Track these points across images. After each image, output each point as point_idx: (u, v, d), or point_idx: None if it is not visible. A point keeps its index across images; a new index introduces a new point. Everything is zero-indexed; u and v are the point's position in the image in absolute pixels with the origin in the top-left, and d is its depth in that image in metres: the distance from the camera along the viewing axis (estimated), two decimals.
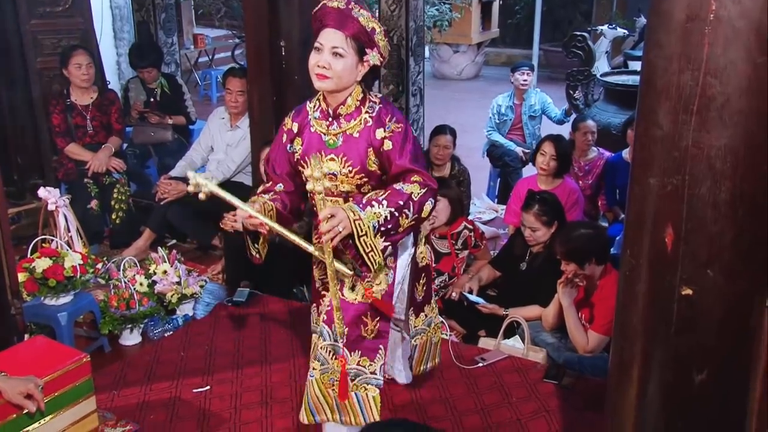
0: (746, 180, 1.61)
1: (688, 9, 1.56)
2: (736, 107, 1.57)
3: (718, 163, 1.61)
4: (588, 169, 5.49)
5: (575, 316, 3.65)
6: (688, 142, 1.63)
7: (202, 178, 2.53)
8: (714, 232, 1.66)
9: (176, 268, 4.08)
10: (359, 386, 2.77)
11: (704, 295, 1.69)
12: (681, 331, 1.73)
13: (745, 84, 1.55)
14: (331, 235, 2.41)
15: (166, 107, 6.14)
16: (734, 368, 1.76)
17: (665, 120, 1.65)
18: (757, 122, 1.58)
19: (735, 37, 1.53)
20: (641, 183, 1.74)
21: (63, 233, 4.10)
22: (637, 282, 1.79)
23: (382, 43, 2.61)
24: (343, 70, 2.54)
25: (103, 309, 3.84)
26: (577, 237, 3.70)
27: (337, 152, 2.64)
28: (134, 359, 3.77)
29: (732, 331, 1.72)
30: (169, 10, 7.44)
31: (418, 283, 3.01)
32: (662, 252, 1.71)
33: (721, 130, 1.59)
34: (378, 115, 2.64)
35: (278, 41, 4.62)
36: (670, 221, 1.69)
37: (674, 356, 1.76)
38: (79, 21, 5.61)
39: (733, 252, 1.66)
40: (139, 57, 6.14)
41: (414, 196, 2.54)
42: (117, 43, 11.24)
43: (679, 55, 1.60)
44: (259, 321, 4.12)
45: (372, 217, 2.46)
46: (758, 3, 1.51)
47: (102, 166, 5.16)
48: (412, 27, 6.09)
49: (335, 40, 2.53)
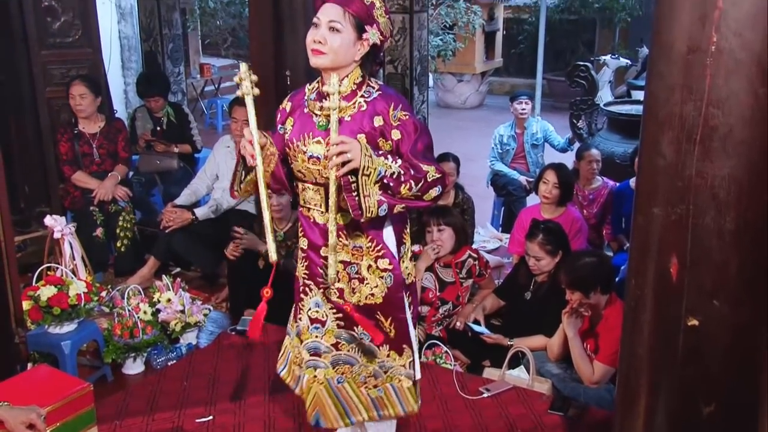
0: (750, 209, 1.61)
1: (689, 41, 1.57)
2: (738, 137, 1.57)
3: (722, 193, 1.61)
4: (592, 198, 5.49)
5: (580, 346, 3.63)
6: (691, 171, 1.63)
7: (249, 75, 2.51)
8: (719, 262, 1.65)
9: (180, 296, 4.07)
10: (393, 377, 2.71)
11: (710, 325, 1.69)
12: (687, 361, 1.72)
13: (748, 114, 1.56)
14: (340, 160, 2.30)
15: (172, 136, 6.17)
16: (742, 399, 1.74)
17: (668, 150, 1.66)
18: (760, 152, 1.58)
19: (737, 69, 1.54)
20: (645, 212, 1.74)
21: (68, 261, 4.11)
22: (642, 312, 1.78)
23: (383, 19, 2.47)
24: (339, 46, 2.41)
25: (106, 337, 3.83)
26: (582, 266, 3.69)
27: (325, 135, 2.47)
28: (137, 388, 3.74)
29: (739, 362, 1.71)
30: (177, 41, 7.52)
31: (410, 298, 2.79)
32: (667, 282, 1.71)
33: (724, 159, 1.60)
34: (374, 102, 2.49)
35: (283, 70, 4.66)
36: (675, 251, 1.69)
37: (681, 387, 1.75)
38: (88, 51, 5.66)
39: (739, 282, 1.66)
40: (146, 86, 6.19)
41: (428, 177, 2.43)
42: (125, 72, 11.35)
43: (681, 86, 1.61)
44: (263, 350, 4.09)
45: (381, 163, 2.35)
46: (759, 35, 1.52)
47: (108, 194, 5.18)
48: (417, 57, 6.15)
49: (333, 14, 2.40)
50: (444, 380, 3.70)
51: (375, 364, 2.71)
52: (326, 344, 2.72)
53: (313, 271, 2.69)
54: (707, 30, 1.55)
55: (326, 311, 2.70)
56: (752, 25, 1.52)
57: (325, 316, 2.71)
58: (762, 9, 1.51)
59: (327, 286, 2.63)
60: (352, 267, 2.61)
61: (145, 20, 7.40)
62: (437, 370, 3.85)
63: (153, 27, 7.35)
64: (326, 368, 2.73)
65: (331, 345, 2.71)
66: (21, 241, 5.02)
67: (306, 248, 2.69)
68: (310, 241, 2.66)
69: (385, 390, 2.72)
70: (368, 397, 2.72)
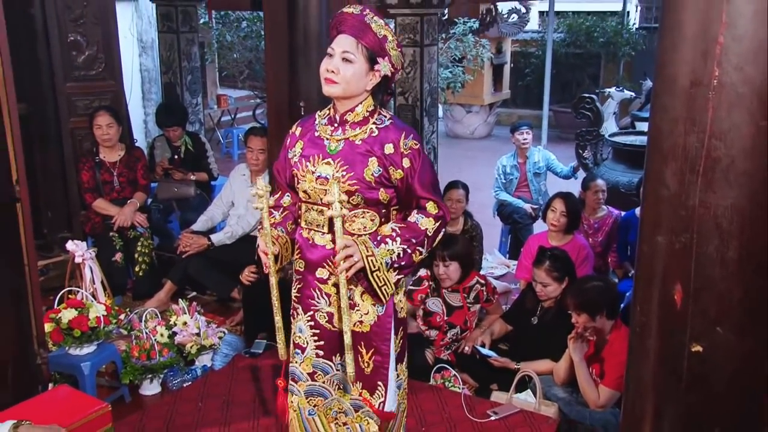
0: (753, 239, 1.61)
1: (692, 75, 1.58)
2: (741, 168, 1.57)
3: (724, 223, 1.61)
4: (597, 226, 5.48)
5: (586, 371, 3.61)
6: (695, 201, 1.63)
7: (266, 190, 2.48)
8: (722, 290, 1.65)
9: (196, 320, 4.08)
10: (362, 418, 2.66)
11: (714, 351, 1.67)
12: (692, 387, 1.71)
13: (749, 146, 1.56)
14: (346, 265, 2.37)
15: (189, 164, 6.23)
16: (745, 426, 1.72)
17: (672, 180, 1.66)
18: (761, 183, 1.58)
19: (738, 102, 1.55)
20: (650, 241, 1.74)
21: (88, 285, 4.12)
22: (647, 338, 1.77)
23: (394, 52, 2.51)
24: (351, 76, 2.44)
25: (124, 359, 3.83)
26: (589, 289, 3.68)
27: (335, 157, 2.50)
28: (153, 409, 3.74)
29: (743, 388, 1.70)
30: (195, 73, 7.60)
31: (396, 336, 2.67)
32: (672, 309, 1.70)
33: (726, 190, 1.60)
34: (386, 129, 2.51)
35: (298, 102, 4.69)
36: (679, 279, 1.68)
37: (686, 413, 1.74)
38: (111, 83, 5.73)
39: (742, 310, 1.65)
40: (165, 117, 6.25)
41: (429, 232, 2.49)
42: (145, 103, 11.48)
43: (684, 119, 1.61)
44: (276, 372, 4.06)
45: (385, 254, 2.42)
46: (759, 70, 1.53)
47: (127, 220, 5.22)
48: (427, 89, 6.19)
49: (346, 44, 2.44)
50: (453, 403, 3.67)
51: (348, 400, 2.67)
52: (303, 372, 2.69)
53: (304, 293, 2.66)
54: (709, 64, 1.55)
55: (308, 338, 2.66)
56: (753, 59, 1.52)
57: (306, 343, 2.67)
58: (762, 44, 1.51)
59: (318, 309, 2.62)
60: (347, 290, 2.52)
61: (165, 53, 7.49)
62: (446, 393, 3.82)
63: (172, 60, 7.43)
64: (300, 397, 2.72)
65: (308, 374, 2.68)
66: (44, 265, 5.05)
67: (302, 270, 2.66)
68: (306, 261, 2.63)
69: (353, 429, 2.68)
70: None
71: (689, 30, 1.57)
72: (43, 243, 5.45)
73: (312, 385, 2.68)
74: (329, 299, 2.58)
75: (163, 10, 7.37)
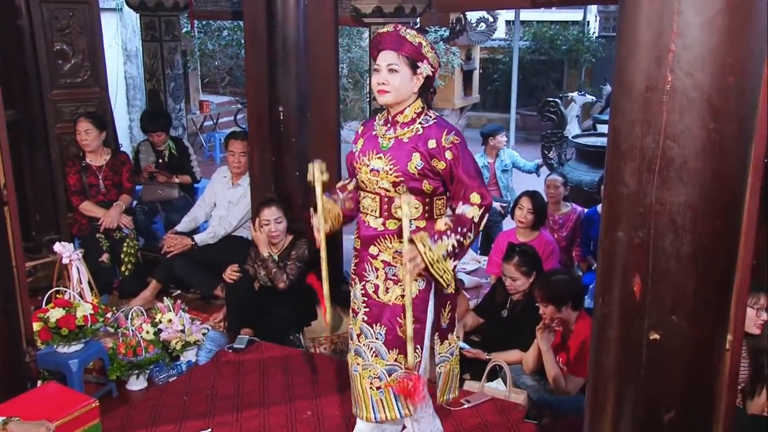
0: (704, 234, 1.63)
1: (647, 80, 1.60)
2: (693, 168, 1.60)
3: (679, 219, 1.63)
4: (562, 222, 5.52)
5: (553, 359, 3.64)
6: (651, 199, 1.65)
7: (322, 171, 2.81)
8: (677, 282, 1.67)
9: (180, 317, 4.05)
10: (395, 381, 2.78)
11: (670, 339, 1.70)
12: (650, 373, 1.73)
13: (700, 147, 1.59)
14: (411, 267, 2.57)
15: (173, 167, 6.19)
16: (699, 406, 1.75)
17: (631, 179, 1.68)
18: (711, 181, 1.60)
19: (689, 106, 1.57)
20: (611, 236, 1.75)
21: (75, 285, 4.08)
22: (609, 328, 1.79)
23: (430, 54, 2.72)
24: (400, 84, 2.68)
25: (111, 356, 3.80)
26: (556, 281, 3.72)
27: (386, 153, 2.74)
28: (140, 403, 3.71)
29: (697, 373, 1.73)
30: (178, 80, 7.54)
31: (444, 309, 2.89)
32: (631, 300, 1.72)
33: (680, 188, 1.62)
34: (429, 128, 2.72)
35: (277, 107, 4.69)
36: (638, 271, 1.70)
37: (644, 397, 1.76)
38: (96, 90, 5.69)
39: (696, 300, 1.67)
40: (150, 122, 6.21)
41: (475, 219, 2.68)
42: (130, 109, 11.38)
43: (641, 121, 1.63)
44: (258, 366, 4.07)
45: (442, 248, 2.61)
46: (708, 76, 1.55)
47: (113, 222, 5.17)
48: None
49: (390, 58, 2.68)
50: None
51: (382, 366, 2.81)
52: (355, 332, 2.90)
53: (359, 266, 2.87)
54: (662, 71, 1.58)
55: (360, 304, 2.87)
56: (702, 66, 1.55)
57: (359, 308, 2.88)
58: (710, 52, 1.54)
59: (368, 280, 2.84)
60: (390, 268, 2.78)
61: (148, 61, 7.42)
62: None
63: (156, 68, 7.37)
64: (351, 353, 2.92)
65: (356, 335, 2.89)
66: (32, 266, 4.99)
67: (358, 247, 2.88)
68: (362, 239, 2.86)
69: (386, 393, 2.81)
70: (371, 399, 2.83)
71: (644, 39, 1.59)
72: (32, 245, 5.39)
73: (357, 345, 2.87)
74: (377, 272, 2.80)
75: (147, 20, 7.30)
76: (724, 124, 1.58)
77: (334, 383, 3.85)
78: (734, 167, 1.62)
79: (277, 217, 4.49)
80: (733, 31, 1.54)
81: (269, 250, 4.56)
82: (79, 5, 5.50)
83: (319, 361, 4.17)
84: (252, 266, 4.66)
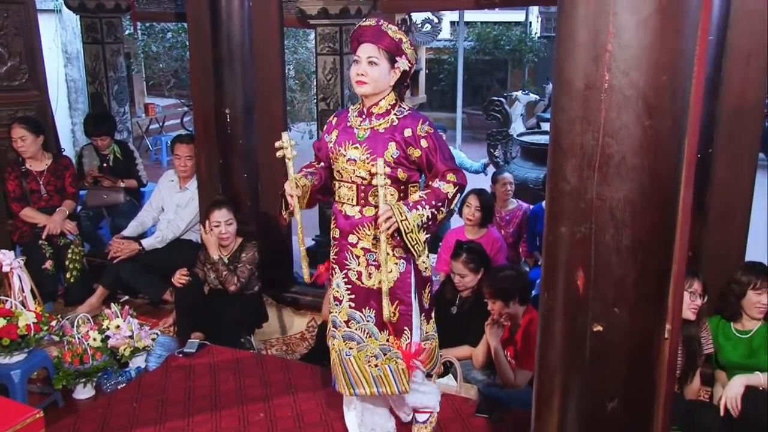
0: (643, 228, 1.67)
1: (586, 79, 1.63)
2: (630, 164, 1.63)
3: (619, 214, 1.66)
4: (509, 219, 5.60)
5: (502, 354, 3.69)
6: (592, 195, 1.67)
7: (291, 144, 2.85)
8: (618, 275, 1.70)
9: (129, 323, 3.97)
10: (391, 359, 2.93)
11: (612, 331, 1.73)
12: (594, 363, 1.76)
13: (637, 143, 1.62)
14: (387, 225, 2.68)
15: (118, 172, 6.07)
16: (640, 395, 1.79)
17: (572, 176, 1.69)
18: (649, 177, 1.64)
19: (626, 104, 1.60)
20: (554, 232, 1.77)
21: (17, 293, 3.96)
22: (554, 321, 1.81)
23: (409, 51, 2.83)
24: (378, 76, 2.78)
25: (57, 365, 3.70)
26: (503, 278, 3.77)
27: (362, 143, 2.84)
28: (88, 412, 3.62)
29: (637, 362, 1.76)
30: (122, 83, 7.40)
31: (424, 291, 3.02)
32: (575, 293, 1.74)
33: (619, 184, 1.65)
34: (405, 118, 2.83)
35: (223, 109, 4.64)
36: (581, 266, 1.72)
37: (590, 387, 1.79)
38: (35, 94, 5.54)
39: (636, 292, 1.70)
40: (93, 126, 6.08)
41: (449, 195, 2.78)
42: (72, 113, 11.10)
43: (581, 119, 1.65)
44: (209, 370, 4.02)
45: (417, 218, 2.70)
46: (643, 75, 1.58)
47: (57, 228, 5.06)
48: (347, 94, 6.19)
49: (370, 51, 2.77)
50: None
51: (376, 345, 2.93)
52: (341, 320, 2.98)
53: (339, 255, 2.97)
54: (600, 70, 1.60)
55: (343, 292, 2.97)
56: (637, 65, 1.58)
57: (342, 296, 2.97)
58: (644, 51, 1.57)
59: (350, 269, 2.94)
60: (371, 255, 2.88)
61: (90, 64, 7.26)
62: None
63: (98, 70, 7.22)
64: (339, 341, 2.99)
65: (344, 321, 2.98)
66: None
67: (337, 237, 2.97)
68: (340, 229, 2.95)
69: (384, 370, 2.94)
70: (370, 374, 2.94)
71: (582, 39, 1.62)
72: None
73: (347, 331, 2.97)
74: (358, 260, 2.90)
75: (88, 22, 7.14)
76: (659, 121, 1.61)
77: (285, 385, 3.83)
78: (670, 163, 1.66)
79: (228, 219, 4.45)
80: (665, 31, 1.58)
81: (219, 252, 4.51)
82: (14, 5, 5.34)
83: (271, 363, 4.14)
84: (201, 269, 4.61)
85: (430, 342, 3.10)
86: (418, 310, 2.97)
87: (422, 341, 3.03)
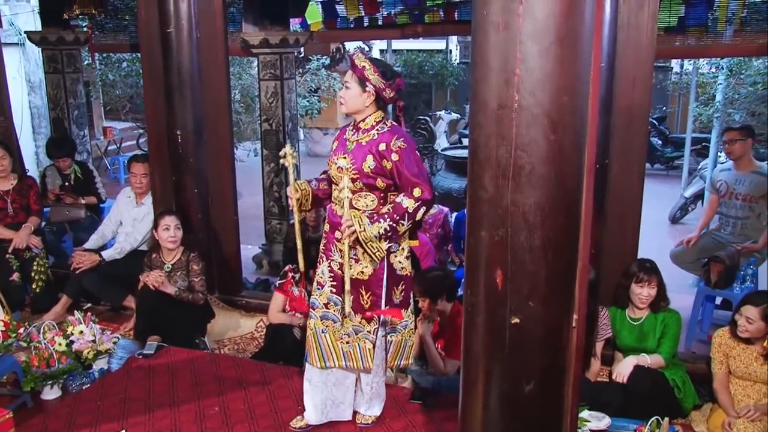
0: (551, 229, 1.68)
1: (499, 99, 1.63)
2: (539, 173, 1.64)
3: (530, 217, 1.67)
4: (431, 221, 5.60)
5: (433, 346, 3.68)
6: (507, 201, 1.68)
7: (291, 155, 3.08)
8: (532, 272, 1.70)
9: (91, 328, 3.82)
10: (360, 339, 3.02)
11: (528, 322, 1.73)
12: (512, 351, 1.76)
13: (544, 155, 1.63)
14: (348, 233, 2.79)
15: (79, 190, 5.87)
16: (553, 378, 1.80)
17: (490, 185, 1.70)
18: (555, 184, 1.65)
19: (534, 121, 1.61)
20: (475, 235, 1.77)
21: None
22: (477, 315, 1.81)
23: (372, 77, 2.88)
24: (350, 98, 2.91)
25: (25, 369, 3.51)
26: (431, 278, 3.76)
27: (349, 153, 2.93)
28: (55, 411, 3.46)
29: (550, 349, 1.77)
30: (81, 108, 7.16)
31: (396, 288, 3.02)
32: (494, 290, 1.74)
33: (530, 191, 1.65)
34: (383, 134, 2.89)
35: (175, 131, 4.55)
36: (499, 265, 1.72)
37: (509, 372, 1.79)
38: (1, 119, 5.33)
39: (547, 286, 1.72)
40: (55, 149, 5.87)
41: (409, 209, 2.83)
42: (35, 136, 10.69)
43: (495, 134, 1.66)
44: (168, 370, 3.89)
45: (375, 229, 2.79)
46: (547, 95, 1.60)
47: (23, 243, 4.86)
48: (288, 115, 6.13)
49: (347, 77, 2.92)
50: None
51: (350, 326, 3.01)
52: (320, 302, 3.05)
53: (327, 246, 3.06)
54: (510, 91, 1.61)
55: (326, 278, 3.04)
56: (541, 87, 1.59)
57: (325, 282, 3.05)
58: (546, 75, 1.59)
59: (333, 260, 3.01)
60: (352, 251, 2.91)
61: (52, 92, 6.99)
62: None
63: (60, 97, 6.96)
64: (316, 320, 3.06)
65: (323, 304, 3.05)
66: None
67: (327, 231, 3.07)
68: (330, 224, 3.05)
69: (353, 347, 3.03)
70: (341, 350, 3.03)
71: (494, 64, 1.62)
72: None
73: (326, 312, 3.04)
74: (340, 253, 2.94)
75: (49, 54, 6.87)
76: (562, 135, 1.63)
77: (237, 381, 3.74)
78: (573, 171, 1.68)
79: (177, 223, 4.35)
80: (564, 58, 1.60)
81: (163, 258, 4.39)
82: None
83: (224, 362, 4.04)
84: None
85: (396, 335, 3.11)
86: (385, 301, 3.00)
87: (387, 334, 3.08)
